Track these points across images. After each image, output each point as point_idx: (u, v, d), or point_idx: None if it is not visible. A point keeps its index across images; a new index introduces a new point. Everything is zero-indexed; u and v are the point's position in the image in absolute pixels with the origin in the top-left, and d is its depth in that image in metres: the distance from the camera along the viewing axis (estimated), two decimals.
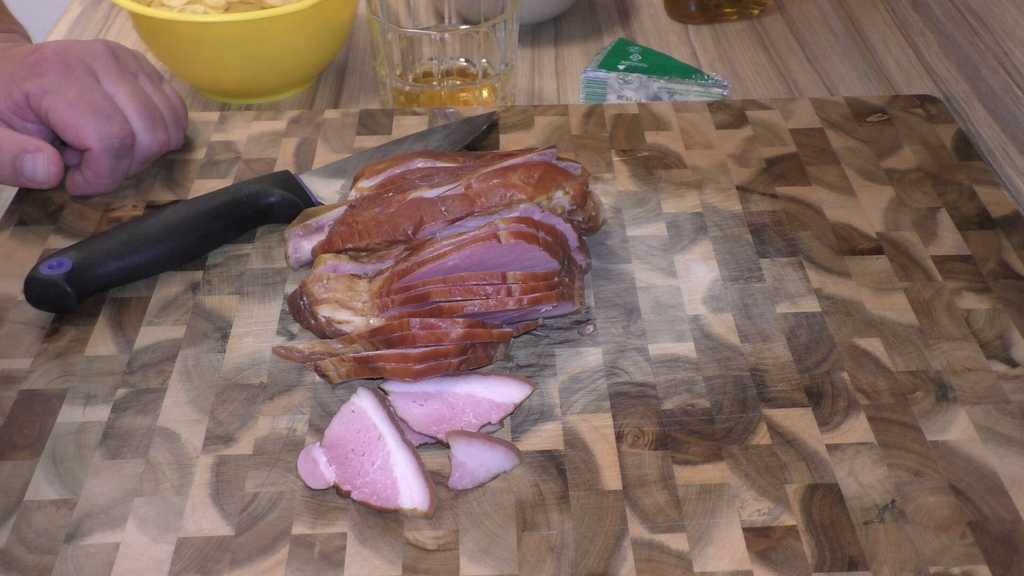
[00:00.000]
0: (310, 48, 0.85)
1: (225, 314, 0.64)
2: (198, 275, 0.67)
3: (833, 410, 0.58)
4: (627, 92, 0.86)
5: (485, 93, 0.85)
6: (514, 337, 0.61)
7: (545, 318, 0.62)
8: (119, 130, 0.70)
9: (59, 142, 0.76)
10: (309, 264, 0.66)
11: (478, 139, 0.78)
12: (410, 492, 0.52)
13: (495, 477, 0.54)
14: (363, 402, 0.56)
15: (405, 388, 0.57)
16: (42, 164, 0.69)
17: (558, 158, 0.65)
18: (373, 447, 0.54)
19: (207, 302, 0.65)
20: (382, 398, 0.57)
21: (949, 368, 0.60)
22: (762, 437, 0.56)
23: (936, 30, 0.93)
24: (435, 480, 0.54)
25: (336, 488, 0.53)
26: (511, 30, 0.82)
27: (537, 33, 0.98)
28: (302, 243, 0.65)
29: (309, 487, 0.53)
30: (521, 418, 0.57)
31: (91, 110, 0.70)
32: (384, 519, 0.52)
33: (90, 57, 0.72)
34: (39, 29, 0.92)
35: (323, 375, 0.58)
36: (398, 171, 0.67)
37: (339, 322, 0.59)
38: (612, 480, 0.54)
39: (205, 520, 0.52)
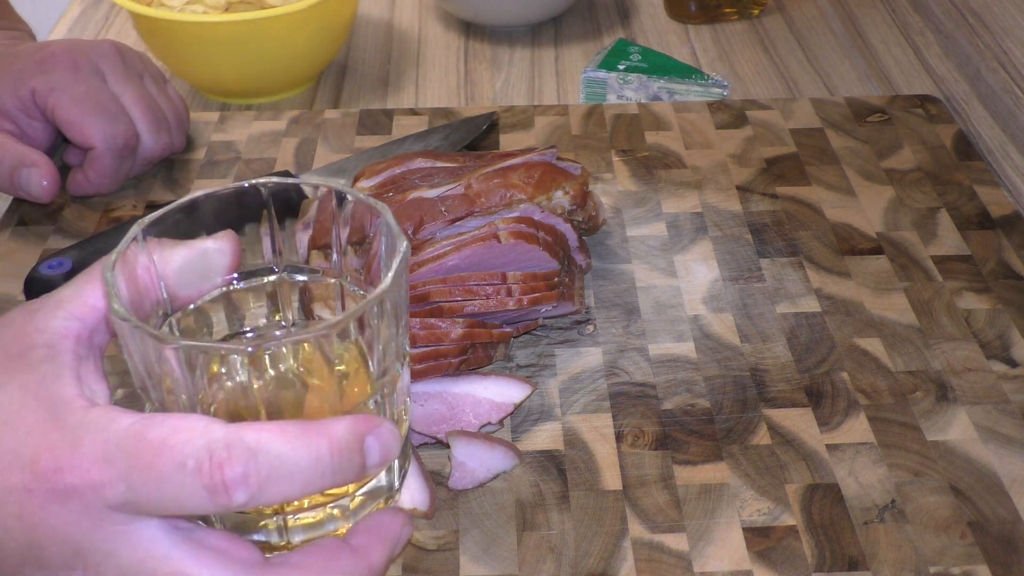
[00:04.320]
0: (310, 48, 0.85)
1: None
2: None
3: (833, 410, 0.58)
4: (627, 92, 0.86)
5: None
6: (514, 337, 0.61)
7: (545, 318, 0.62)
8: (124, 130, 0.70)
9: (62, 143, 0.76)
10: None
11: (478, 139, 0.78)
12: (410, 492, 0.52)
13: (495, 477, 0.54)
14: None
15: None
16: (36, 179, 0.69)
17: (558, 158, 0.65)
18: None
19: None
20: None
21: (949, 368, 0.60)
22: (762, 437, 0.56)
23: (936, 30, 0.93)
24: (435, 480, 0.54)
25: None
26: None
27: (537, 33, 0.98)
28: (302, 237, 0.65)
29: None
30: (521, 418, 0.57)
31: (97, 109, 0.70)
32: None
33: (97, 56, 0.72)
34: (39, 29, 0.92)
35: None
36: (398, 171, 0.67)
37: None
38: (612, 480, 0.54)
39: None
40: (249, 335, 0.47)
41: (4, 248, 0.70)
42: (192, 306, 0.44)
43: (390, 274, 0.39)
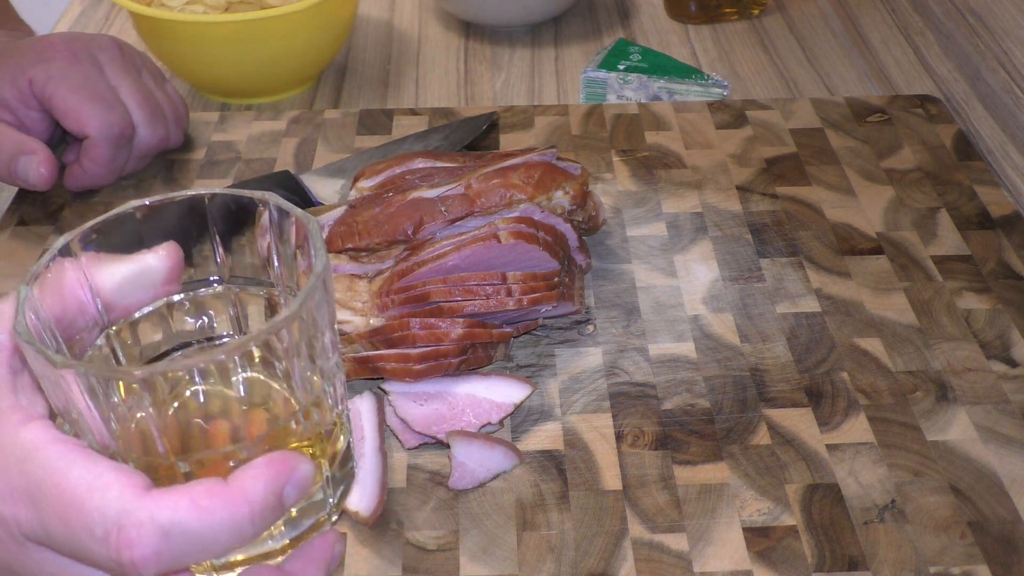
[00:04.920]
0: (310, 48, 0.85)
1: None
2: None
3: (833, 410, 0.58)
4: (627, 92, 0.86)
5: None
6: (514, 337, 0.61)
7: (545, 318, 0.62)
8: (119, 119, 0.70)
9: (60, 136, 0.76)
10: None
11: (478, 139, 0.78)
12: (358, 495, 0.52)
13: (495, 477, 0.54)
14: (363, 405, 0.56)
15: (405, 388, 0.57)
16: (33, 166, 0.69)
17: (558, 158, 0.65)
18: (355, 446, 0.54)
19: None
20: (382, 405, 0.57)
21: (949, 368, 0.60)
22: (762, 437, 0.56)
23: (936, 30, 0.93)
24: (435, 480, 0.54)
25: None
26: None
27: (537, 33, 0.98)
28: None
29: None
30: (521, 418, 0.57)
31: (93, 97, 0.70)
32: (384, 519, 0.52)
33: (96, 48, 0.72)
34: (39, 29, 0.92)
35: None
36: (398, 171, 0.67)
37: (339, 322, 0.59)
38: (612, 480, 0.54)
39: None
40: (196, 346, 0.46)
41: (4, 248, 0.70)
42: (137, 315, 0.43)
43: (300, 296, 0.38)
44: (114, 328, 0.43)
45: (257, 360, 0.41)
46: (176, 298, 0.44)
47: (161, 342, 0.45)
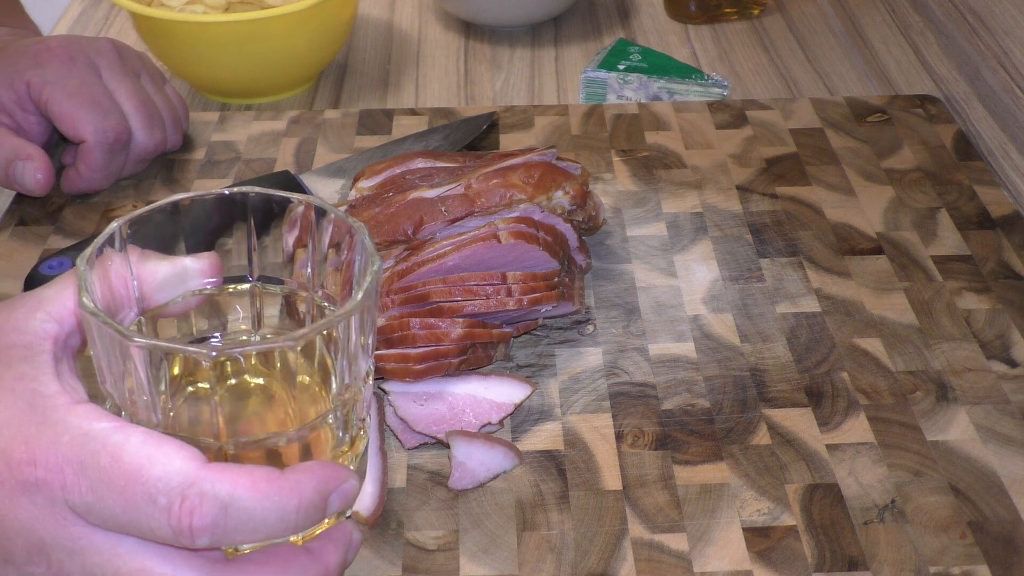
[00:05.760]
0: (310, 48, 0.85)
1: None
2: None
3: (833, 410, 0.58)
4: (627, 92, 0.86)
5: None
6: (514, 337, 0.61)
7: (545, 318, 0.62)
8: (115, 124, 0.70)
9: (59, 138, 0.76)
10: None
11: (478, 139, 0.78)
12: (360, 495, 0.52)
13: (495, 477, 0.54)
14: None
15: (405, 388, 0.57)
16: (30, 172, 0.69)
17: (558, 158, 0.65)
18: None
19: None
20: (382, 405, 0.57)
21: (949, 368, 0.60)
22: (762, 437, 0.56)
23: (936, 30, 0.93)
24: (435, 480, 0.54)
25: None
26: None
27: (537, 33, 0.98)
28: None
29: None
30: (521, 418, 0.57)
31: (89, 102, 0.70)
32: (384, 519, 0.52)
33: (94, 52, 0.72)
34: (39, 29, 0.92)
35: None
36: (398, 171, 0.67)
37: None
38: (612, 480, 0.54)
39: None
40: (215, 340, 0.47)
41: (4, 248, 0.70)
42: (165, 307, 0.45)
43: (360, 292, 0.40)
44: (148, 314, 0.44)
45: (306, 354, 0.42)
46: (205, 291, 0.46)
47: (179, 335, 0.46)
